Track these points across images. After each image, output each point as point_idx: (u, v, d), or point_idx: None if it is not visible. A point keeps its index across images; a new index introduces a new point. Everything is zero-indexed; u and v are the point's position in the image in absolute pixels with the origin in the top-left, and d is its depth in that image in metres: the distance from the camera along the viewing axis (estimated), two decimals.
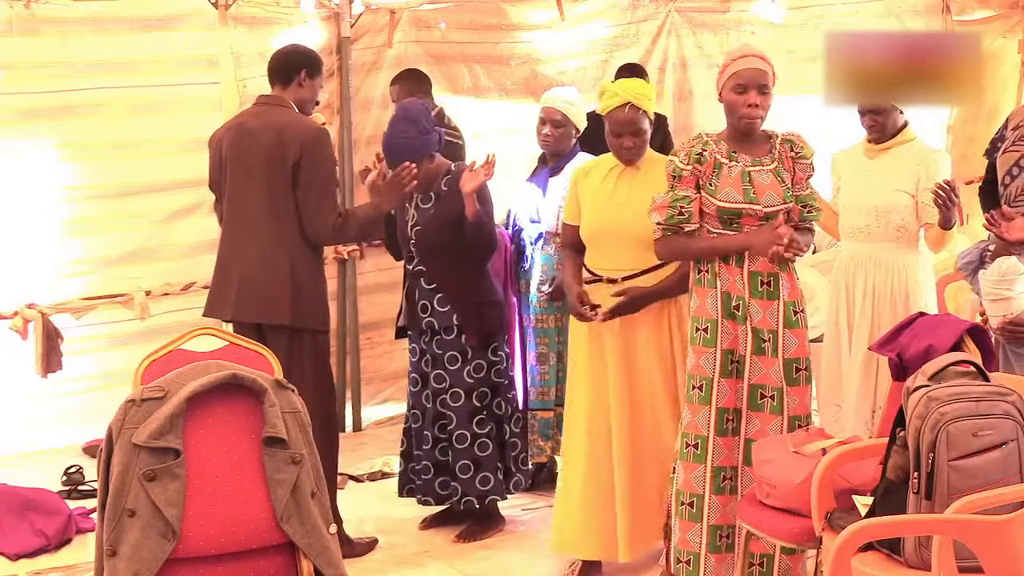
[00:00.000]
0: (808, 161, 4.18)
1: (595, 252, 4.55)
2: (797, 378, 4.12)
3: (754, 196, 4.07)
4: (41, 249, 6.10)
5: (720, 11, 7.63)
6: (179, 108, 6.24)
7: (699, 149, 4.14)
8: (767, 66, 4.09)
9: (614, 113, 4.42)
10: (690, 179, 4.13)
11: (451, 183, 4.89)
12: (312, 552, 3.23)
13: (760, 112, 4.09)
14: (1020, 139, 4.77)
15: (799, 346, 4.12)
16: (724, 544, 4.18)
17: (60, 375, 6.02)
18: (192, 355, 3.47)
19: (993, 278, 4.24)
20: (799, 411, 4.11)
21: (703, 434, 4.14)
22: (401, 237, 5.07)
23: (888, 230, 4.66)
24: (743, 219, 4.08)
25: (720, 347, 4.12)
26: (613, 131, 4.44)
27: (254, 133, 4.70)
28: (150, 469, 3.10)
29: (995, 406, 3.21)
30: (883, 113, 4.65)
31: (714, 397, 4.13)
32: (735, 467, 4.16)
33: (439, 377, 4.99)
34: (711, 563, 4.17)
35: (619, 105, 4.40)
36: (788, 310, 4.11)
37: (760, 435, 4.11)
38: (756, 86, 4.06)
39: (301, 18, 6.47)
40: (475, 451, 4.96)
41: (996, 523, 2.98)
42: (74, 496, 5.51)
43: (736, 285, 4.11)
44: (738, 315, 4.11)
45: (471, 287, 4.94)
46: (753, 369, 4.11)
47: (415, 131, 4.81)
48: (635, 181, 4.48)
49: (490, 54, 7.07)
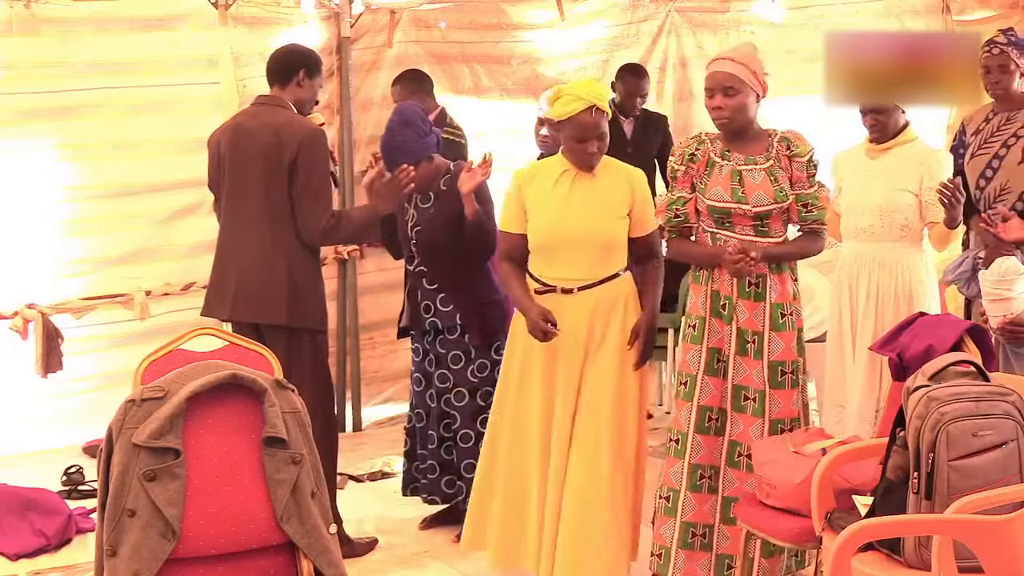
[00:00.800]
0: (804, 159, 4.16)
1: (545, 261, 4.22)
2: (782, 381, 4.12)
3: (743, 195, 4.08)
4: (41, 249, 6.09)
5: (720, 11, 7.63)
6: (179, 108, 6.24)
7: (692, 149, 4.18)
8: (738, 68, 4.07)
9: (579, 117, 4.08)
10: (685, 179, 4.17)
11: (450, 182, 4.89)
12: (312, 552, 3.23)
13: (725, 113, 4.10)
14: (985, 143, 4.79)
15: (785, 349, 4.13)
16: (698, 542, 4.19)
17: (60, 375, 6.02)
18: (192, 355, 3.47)
19: (993, 278, 4.24)
20: (782, 414, 4.11)
21: (684, 430, 4.15)
22: (402, 237, 5.07)
23: (892, 229, 4.66)
24: (734, 218, 4.10)
25: (706, 345, 4.14)
26: (578, 136, 4.11)
27: (252, 133, 4.70)
28: (150, 469, 3.10)
29: (995, 406, 3.22)
30: (885, 113, 4.66)
31: (696, 394, 4.14)
32: (716, 467, 4.16)
33: (443, 377, 4.99)
34: (681, 559, 4.18)
35: (584, 109, 4.08)
36: (775, 312, 4.12)
37: (743, 437, 4.12)
38: (720, 88, 4.09)
39: (301, 18, 6.47)
40: (479, 450, 4.96)
41: (996, 523, 2.98)
42: (74, 496, 5.51)
43: (725, 284, 4.12)
44: (724, 314, 4.13)
45: (472, 286, 4.95)
46: (737, 370, 4.12)
47: (412, 134, 4.82)
48: (590, 186, 4.19)
49: (491, 54, 7.07)
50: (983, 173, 4.77)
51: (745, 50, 4.18)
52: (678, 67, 7.57)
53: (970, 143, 4.86)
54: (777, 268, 4.15)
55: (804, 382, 4.23)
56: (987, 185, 4.71)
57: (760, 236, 4.12)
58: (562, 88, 4.21)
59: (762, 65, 4.14)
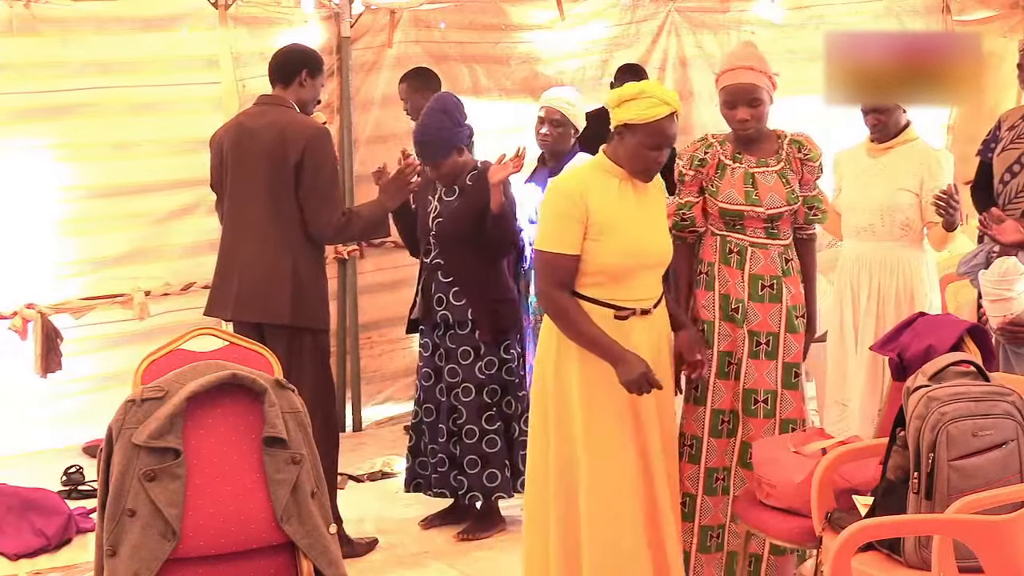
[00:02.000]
0: (816, 163, 4.17)
1: (619, 283, 3.79)
2: (796, 382, 4.13)
3: (756, 198, 4.06)
4: (41, 249, 6.09)
5: (720, 11, 7.63)
6: (179, 108, 6.24)
7: (701, 153, 4.13)
8: (757, 76, 4.04)
9: (662, 123, 3.71)
10: (693, 183, 4.14)
11: (476, 179, 4.94)
12: (312, 552, 3.23)
13: (751, 124, 4.07)
14: (1018, 138, 4.77)
15: (798, 351, 4.13)
16: (714, 544, 4.19)
17: (60, 375, 6.02)
18: (192, 355, 3.46)
19: (993, 278, 4.24)
20: (793, 414, 4.12)
21: (698, 435, 4.15)
22: (422, 229, 5.09)
23: (893, 229, 4.66)
24: (746, 220, 4.08)
25: (717, 349, 4.12)
26: (654, 143, 3.73)
27: (255, 133, 4.70)
28: (150, 469, 3.10)
29: (995, 406, 3.22)
30: (886, 112, 4.66)
31: (709, 399, 4.14)
32: (727, 467, 4.16)
33: (452, 371, 5.02)
34: (700, 563, 4.18)
35: (668, 114, 3.72)
36: (791, 314, 4.11)
37: (754, 439, 4.11)
38: (745, 101, 4.05)
39: (301, 18, 6.48)
40: (483, 447, 4.98)
41: (996, 523, 2.98)
42: (74, 496, 5.51)
43: (736, 288, 4.10)
44: (737, 317, 4.11)
45: (487, 283, 4.97)
46: (748, 373, 4.11)
47: (449, 122, 4.87)
48: (648, 197, 3.88)
49: (490, 54, 7.07)
50: (1010, 168, 4.76)
51: (756, 54, 4.13)
52: (678, 67, 7.56)
53: (1003, 138, 4.85)
54: (787, 271, 4.13)
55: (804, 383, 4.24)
56: (1011, 180, 4.70)
57: (770, 238, 4.10)
58: (643, 88, 3.78)
59: (770, 65, 4.12)
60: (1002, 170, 4.81)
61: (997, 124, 4.94)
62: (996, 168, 4.83)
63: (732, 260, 4.11)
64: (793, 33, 7.61)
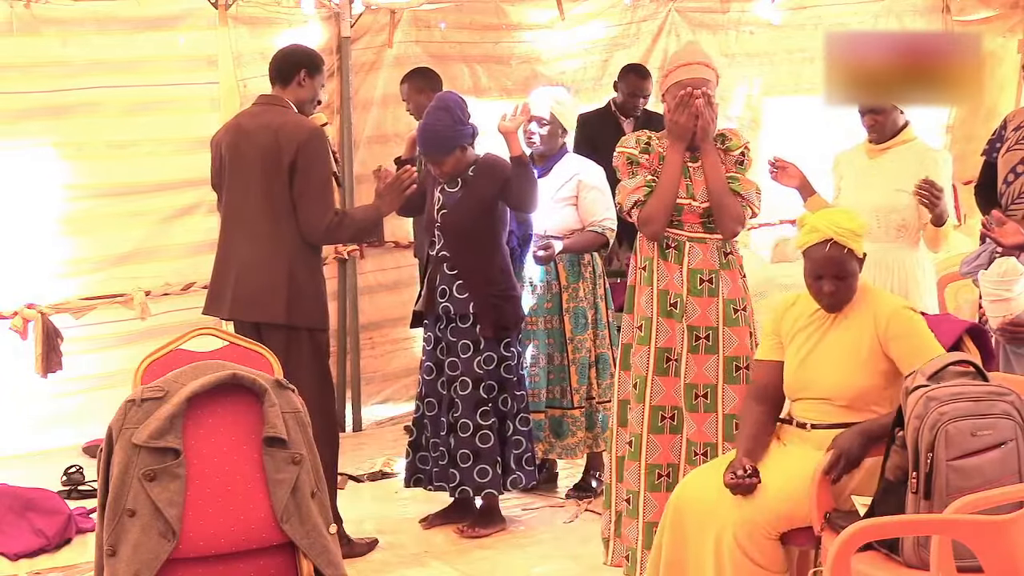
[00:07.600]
0: (735, 152, 4.19)
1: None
2: (737, 376, 4.12)
3: (692, 191, 4.10)
4: (41, 249, 6.09)
5: (720, 11, 7.63)
6: (178, 108, 6.24)
7: (646, 139, 4.21)
8: (711, 72, 4.13)
9: (813, 250, 3.65)
10: (647, 165, 4.17)
11: (477, 170, 4.96)
12: (312, 552, 3.23)
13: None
14: (1023, 139, 4.77)
15: (740, 344, 4.13)
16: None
17: (60, 375, 6.02)
18: (192, 355, 3.47)
19: (993, 279, 4.24)
20: (735, 410, 4.09)
21: (637, 432, 4.15)
22: (427, 221, 5.11)
23: (889, 230, 4.66)
24: (684, 215, 4.13)
25: (655, 345, 4.13)
26: (811, 271, 3.67)
27: (251, 134, 4.71)
28: (150, 469, 3.11)
29: (994, 406, 3.22)
30: (883, 113, 4.66)
31: (648, 395, 4.14)
32: (674, 464, 4.15)
33: (453, 365, 5.02)
34: (648, 559, 4.17)
35: (819, 242, 3.63)
36: (728, 308, 4.13)
37: (697, 436, 4.11)
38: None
39: (301, 18, 6.48)
40: (476, 442, 4.97)
41: (995, 523, 2.98)
42: (74, 496, 5.51)
43: (674, 283, 4.12)
44: (675, 312, 4.12)
45: (491, 277, 4.99)
46: (688, 368, 4.12)
47: (451, 120, 4.88)
48: (839, 327, 3.71)
49: (490, 54, 7.08)
50: (1013, 168, 4.75)
51: (704, 51, 4.24)
52: None
53: (1008, 138, 4.84)
54: (726, 264, 4.15)
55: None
56: (1015, 181, 4.69)
57: (708, 232, 4.14)
58: (804, 217, 3.80)
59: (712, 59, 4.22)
60: (1006, 170, 4.80)
61: (1003, 124, 4.94)
62: (1000, 168, 4.83)
63: (670, 255, 4.13)
64: (792, 33, 7.61)
